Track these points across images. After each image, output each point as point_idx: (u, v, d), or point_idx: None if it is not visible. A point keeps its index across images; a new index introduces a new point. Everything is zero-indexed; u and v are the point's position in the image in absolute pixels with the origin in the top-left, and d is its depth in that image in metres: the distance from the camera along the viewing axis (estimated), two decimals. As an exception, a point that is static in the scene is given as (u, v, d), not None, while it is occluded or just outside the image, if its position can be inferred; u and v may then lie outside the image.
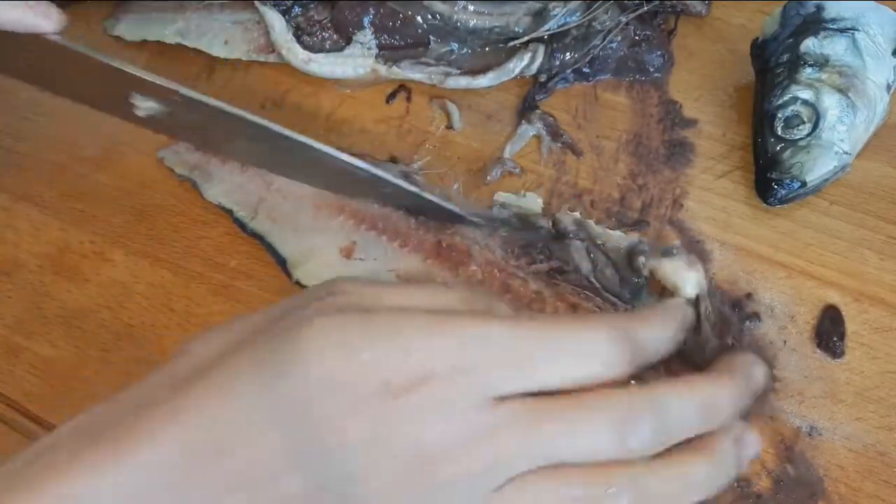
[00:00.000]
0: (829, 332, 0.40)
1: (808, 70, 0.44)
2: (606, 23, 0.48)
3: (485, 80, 0.48)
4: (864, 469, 0.37)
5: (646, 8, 0.48)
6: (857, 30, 0.44)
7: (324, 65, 0.49)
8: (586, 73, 0.49)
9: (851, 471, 0.37)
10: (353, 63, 0.49)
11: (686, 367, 0.34)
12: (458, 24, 0.49)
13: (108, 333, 0.42)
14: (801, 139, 0.43)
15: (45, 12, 0.35)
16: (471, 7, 0.49)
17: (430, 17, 0.49)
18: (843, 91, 0.43)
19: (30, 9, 0.34)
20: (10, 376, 0.42)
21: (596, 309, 0.38)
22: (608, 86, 0.49)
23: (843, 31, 0.44)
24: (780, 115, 0.43)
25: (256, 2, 0.49)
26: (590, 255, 0.41)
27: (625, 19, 0.48)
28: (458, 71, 0.49)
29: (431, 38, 0.49)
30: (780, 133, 0.43)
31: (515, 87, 0.49)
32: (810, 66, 0.44)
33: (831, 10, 0.44)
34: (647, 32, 0.49)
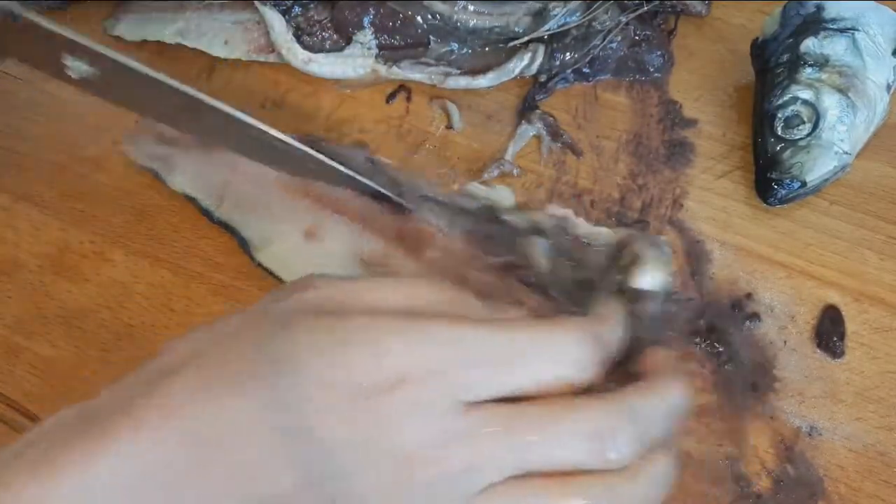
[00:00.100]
0: (829, 332, 0.40)
1: (808, 70, 0.44)
2: (606, 23, 0.48)
3: (485, 81, 0.48)
4: (864, 469, 0.37)
5: (646, 8, 0.48)
6: (857, 30, 0.44)
7: (324, 65, 0.49)
8: (586, 73, 0.49)
9: (851, 471, 0.37)
10: (353, 63, 0.49)
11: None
12: (458, 24, 0.49)
13: (108, 333, 0.42)
14: (801, 139, 0.43)
15: None
16: (471, 7, 0.49)
17: (430, 17, 0.49)
18: (843, 91, 0.43)
19: None
20: (10, 376, 0.42)
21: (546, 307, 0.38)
22: (608, 86, 0.49)
23: (843, 31, 0.44)
24: (780, 115, 0.43)
25: (256, 2, 0.49)
26: (550, 254, 0.41)
27: (625, 19, 0.48)
28: (458, 71, 0.49)
29: (431, 38, 0.49)
30: (780, 133, 0.43)
31: (515, 87, 0.49)
32: (810, 66, 0.44)
33: (831, 10, 0.44)
34: (647, 32, 0.49)
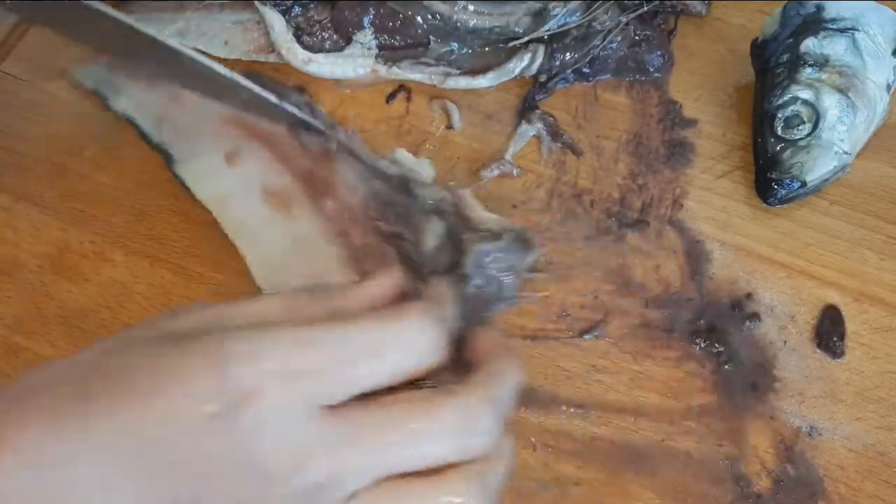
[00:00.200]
0: (829, 332, 0.40)
1: (808, 70, 0.44)
2: (606, 23, 0.48)
3: (485, 81, 0.48)
4: (864, 469, 0.37)
5: (646, 8, 0.48)
6: (857, 30, 0.44)
7: (324, 65, 0.49)
8: (586, 73, 0.49)
9: (851, 471, 0.37)
10: (353, 63, 0.49)
11: None
12: (458, 24, 0.49)
13: (108, 333, 0.42)
14: (801, 139, 0.43)
15: None
16: (471, 7, 0.49)
17: (430, 17, 0.49)
18: (843, 91, 0.43)
19: None
20: (11, 376, 0.42)
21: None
22: (608, 86, 0.49)
23: (843, 31, 0.44)
24: (780, 115, 0.43)
25: (256, 2, 0.49)
26: (441, 237, 0.41)
27: (625, 19, 0.48)
28: (458, 71, 0.49)
29: (431, 38, 0.49)
30: (780, 133, 0.43)
31: (515, 87, 0.49)
32: (810, 66, 0.44)
33: (831, 10, 0.44)
34: (647, 32, 0.49)
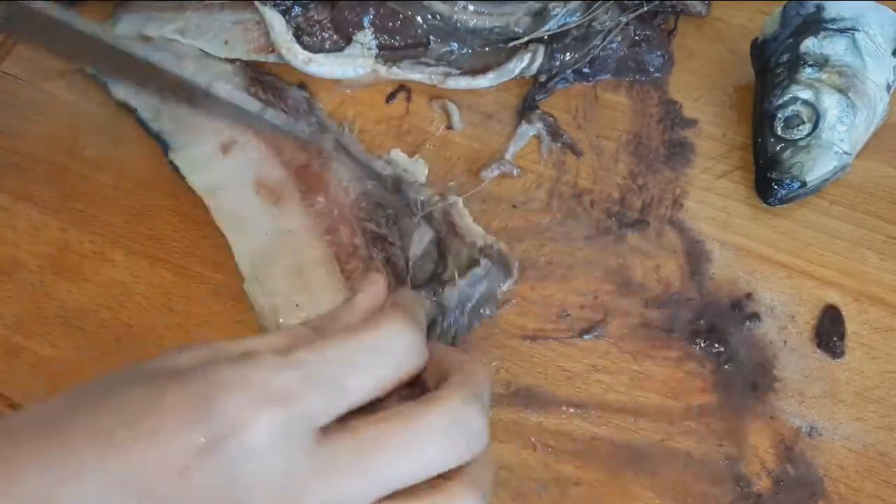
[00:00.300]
0: (829, 332, 0.40)
1: (808, 70, 0.44)
2: (606, 23, 0.48)
3: (485, 81, 0.48)
4: (864, 469, 0.37)
5: (646, 8, 0.48)
6: (857, 30, 0.44)
7: (324, 65, 0.49)
8: (586, 73, 0.49)
9: (851, 471, 0.37)
10: (353, 63, 0.49)
11: None
12: (458, 24, 0.49)
13: (108, 333, 0.42)
14: (801, 139, 0.43)
15: None
16: (471, 7, 0.49)
17: (430, 17, 0.49)
18: (843, 91, 0.43)
19: None
20: (10, 376, 0.42)
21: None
22: (608, 86, 0.49)
23: (843, 31, 0.44)
24: (780, 115, 0.43)
25: (256, 2, 0.49)
26: (428, 244, 0.41)
27: (625, 19, 0.48)
28: (458, 71, 0.49)
29: (431, 38, 0.49)
30: (780, 133, 0.43)
31: (515, 87, 0.49)
32: (810, 66, 0.44)
33: (831, 10, 0.44)
34: (647, 32, 0.49)
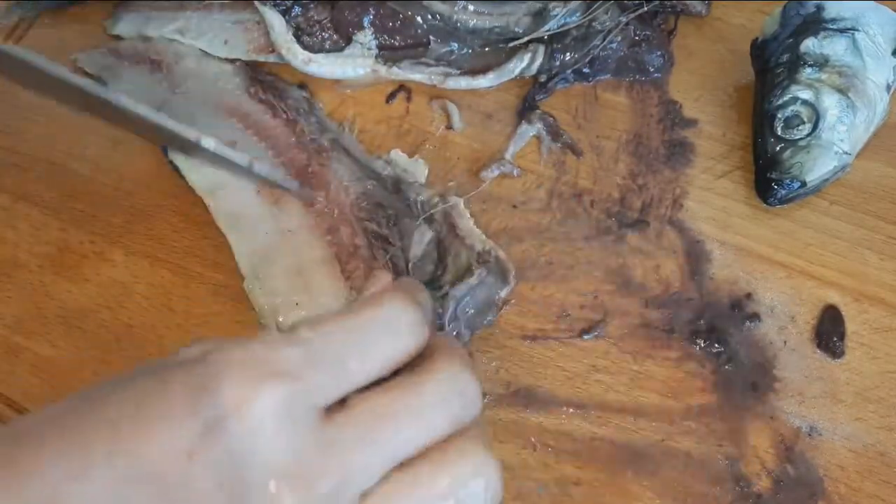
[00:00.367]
0: (829, 332, 0.40)
1: (808, 70, 0.44)
2: (606, 23, 0.48)
3: (485, 81, 0.48)
4: (864, 469, 0.37)
5: (646, 8, 0.48)
6: (857, 30, 0.44)
7: (324, 65, 0.49)
8: (586, 73, 0.49)
9: (851, 471, 0.37)
10: (353, 63, 0.49)
11: None
12: (458, 24, 0.49)
13: (108, 333, 0.42)
14: (801, 139, 0.43)
15: None
16: (471, 7, 0.49)
17: (430, 17, 0.49)
18: (843, 91, 0.43)
19: None
20: (10, 376, 0.42)
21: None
22: (608, 86, 0.49)
23: (843, 31, 0.44)
24: (780, 115, 0.43)
25: (256, 2, 0.49)
26: (428, 244, 0.41)
27: (625, 19, 0.48)
28: (458, 71, 0.49)
29: (431, 38, 0.49)
30: (780, 133, 0.43)
31: (515, 87, 0.49)
32: (810, 66, 0.44)
33: (831, 10, 0.44)
34: (647, 32, 0.49)
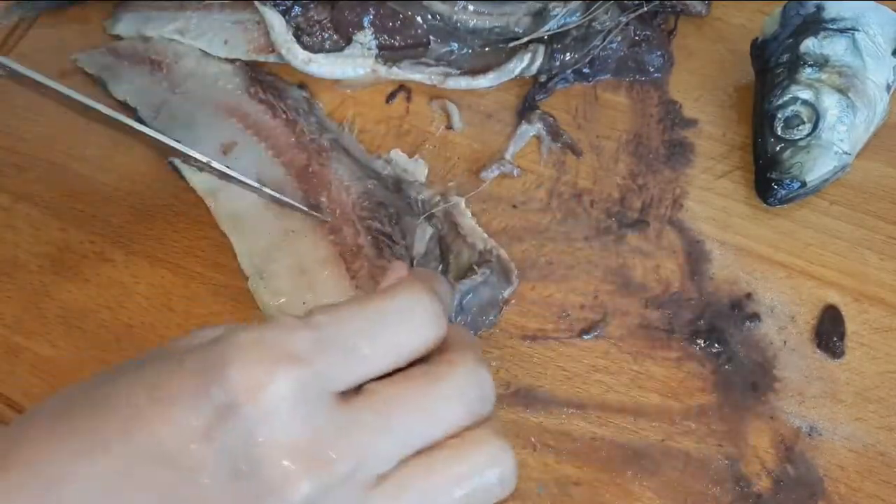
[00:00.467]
0: (829, 332, 0.40)
1: (808, 70, 0.44)
2: (606, 23, 0.48)
3: (485, 81, 0.48)
4: (864, 469, 0.37)
5: (646, 8, 0.48)
6: (857, 30, 0.44)
7: (324, 65, 0.49)
8: (586, 73, 0.49)
9: (851, 471, 0.37)
10: (353, 63, 0.49)
11: None
12: (458, 24, 0.49)
13: (108, 333, 0.42)
14: (801, 139, 0.43)
15: None
16: (471, 7, 0.49)
17: (430, 17, 0.49)
18: (843, 91, 0.43)
19: None
20: (10, 376, 0.42)
21: None
22: (608, 86, 0.49)
23: (843, 31, 0.44)
24: (780, 115, 0.43)
25: (256, 2, 0.49)
26: (430, 242, 0.41)
27: (625, 19, 0.48)
28: (458, 71, 0.49)
29: (431, 38, 0.49)
30: (780, 133, 0.43)
31: (515, 87, 0.49)
32: (810, 66, 0.44)
33: (831, 10, 0.44)
34: (647, 32, 0.49)
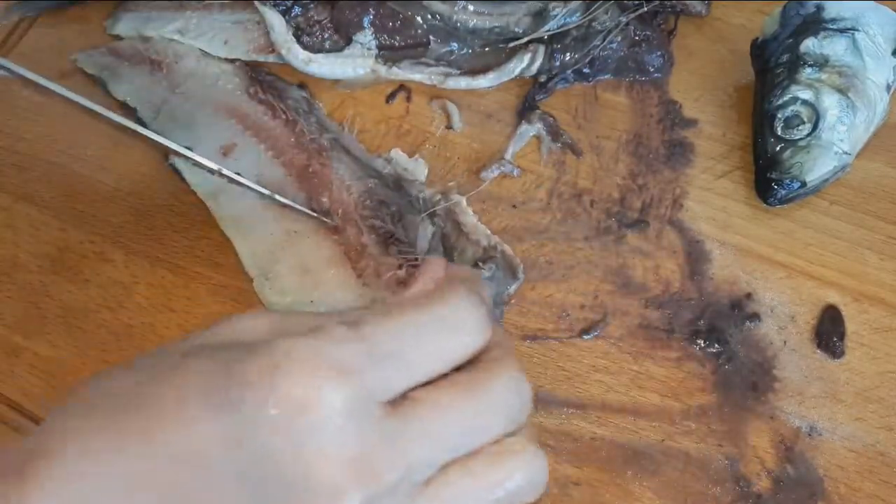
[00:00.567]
0: (829, 332, 0.40)
1: (808, 70, 0.44)
2: (606, 23, 0.48)
3: (485, 81, 0.48)
4: (864, 469, 0.37)
5: (646, 8, 0.48)
6: (857, 30, 0.44)
7: (324, 65, 0.49)
8: (586, 73, 0.49)
9: (851, 471, 0.37)
10: (353, 63, 0.49)
11: None
12: (458, 24, 0.49)
13: (108, 333, 0.42)
14: (801, 139, 0.43)
15: None
16: (471, 7, 0.49)
17: (430, 17, 0.49)
18: (842, 91, 0.43)
19: None
20: (10, 376, 0.42)
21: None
22: (608, 86, 0.49)
23: (842, 31, 0.44)
24: (780, 115, 0.43)
25: (256, 2, 0.49)
26: (433, 240, 0.41)
27: (625, 19, 0.48)
28: (458, 71, 0.49)
29: (431, 38, 0.49)
30: (780, 133, 0.43)
31: (515, 87, 0.49)
32: (810, 66, 0.44)
33: (831, 10, 0.44)
34: (647, 33, 0.49)
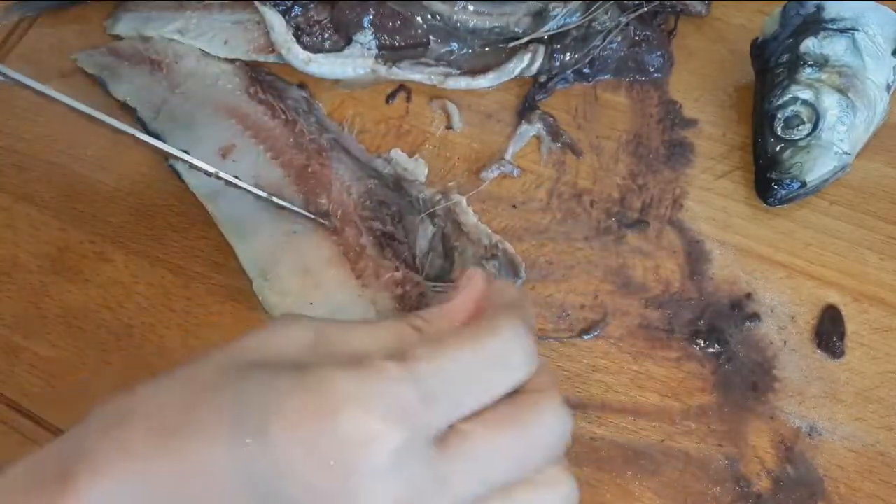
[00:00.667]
0: (829, 332, 0.40)
1: (808, 70, 0.44)
2: (606, 23, 0.48)
3: (485, 81, 0.48)
4: (864, 469, 0.37)
5: (646, 8, 0.48)
6: (857, 30, 0.44)
7: (324, 65, 0.49)
8: (586, 73, 0.49)
9: (851, 471, 0.37)
10: (353, 63, 0.49)
11: None
12: (458, 24, 0.49)
13: (108, 333, 0.42)
14: (801, 139, 0.43)
15: None
16: (471, 7, 0.49)
17: (430, 17, 0.49)
18: (842, 91, 0.43)
19: None
20: (10, 376, 0.42)
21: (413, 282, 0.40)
22: (608, 86, 0.49)
23: (842, 31, 0.44)
24: (780, 115, 0.43)
25: (256, 2, 0.49)
26: (433, 239, 0.41)
27: (625, 20, 0.48)
28: (458, 71, 0.49)
29: (431, 38, 0.49)
30: (780, 133, 0.43)
31: (515, 88, 0.49)
32: (810, 66, 0.44)
33: (831, 10, 0.44)
34: (647, 33, 0.49)
